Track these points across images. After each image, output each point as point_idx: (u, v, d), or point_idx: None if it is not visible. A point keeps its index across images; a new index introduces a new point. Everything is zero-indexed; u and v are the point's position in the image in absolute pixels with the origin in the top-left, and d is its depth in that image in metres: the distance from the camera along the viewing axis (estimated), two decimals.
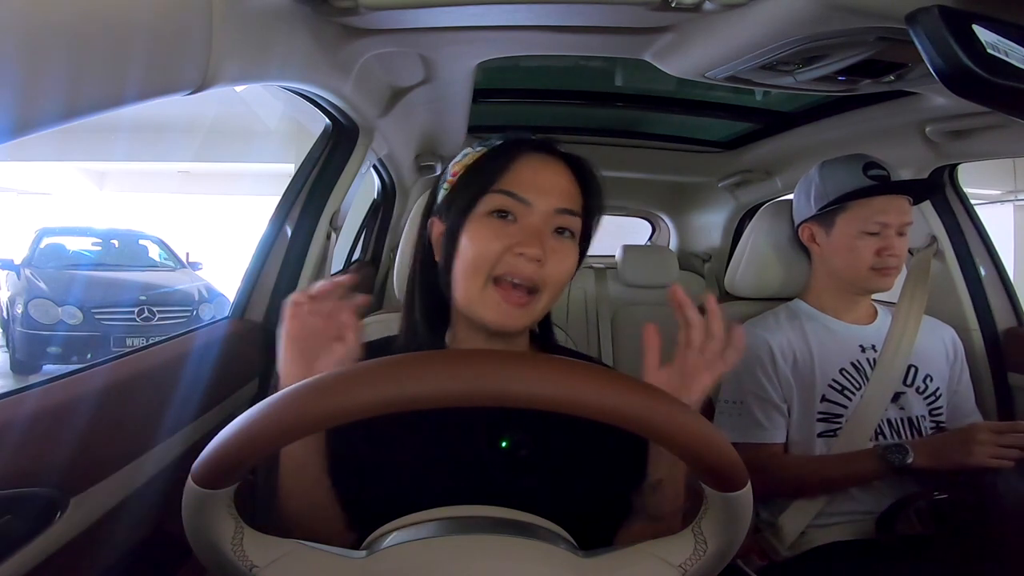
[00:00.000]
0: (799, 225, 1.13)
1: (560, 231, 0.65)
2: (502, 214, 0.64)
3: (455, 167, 0.70)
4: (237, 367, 1.02)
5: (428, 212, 0.72)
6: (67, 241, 5.93)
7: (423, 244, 0.71)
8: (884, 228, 1.02)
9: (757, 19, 0.75)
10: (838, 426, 1.03)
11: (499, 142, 0.68)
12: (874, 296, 1.12)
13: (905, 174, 1.09)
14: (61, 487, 0.60)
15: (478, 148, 0.69)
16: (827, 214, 1.07)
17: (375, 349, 0.74)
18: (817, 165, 1.10)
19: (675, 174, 2.07)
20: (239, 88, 0.78)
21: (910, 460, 0.93)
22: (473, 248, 0.63)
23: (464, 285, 0.64)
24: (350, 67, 0.96)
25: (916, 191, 1.10)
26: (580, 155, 0.70)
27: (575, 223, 0.66)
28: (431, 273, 0.70)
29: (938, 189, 1.28)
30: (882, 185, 1.03)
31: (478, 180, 0.66)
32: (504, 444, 0.65)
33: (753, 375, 1.05)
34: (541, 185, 0.64)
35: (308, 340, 0.58)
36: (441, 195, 0.70)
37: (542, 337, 0.77)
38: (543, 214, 0.64)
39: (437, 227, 0.69)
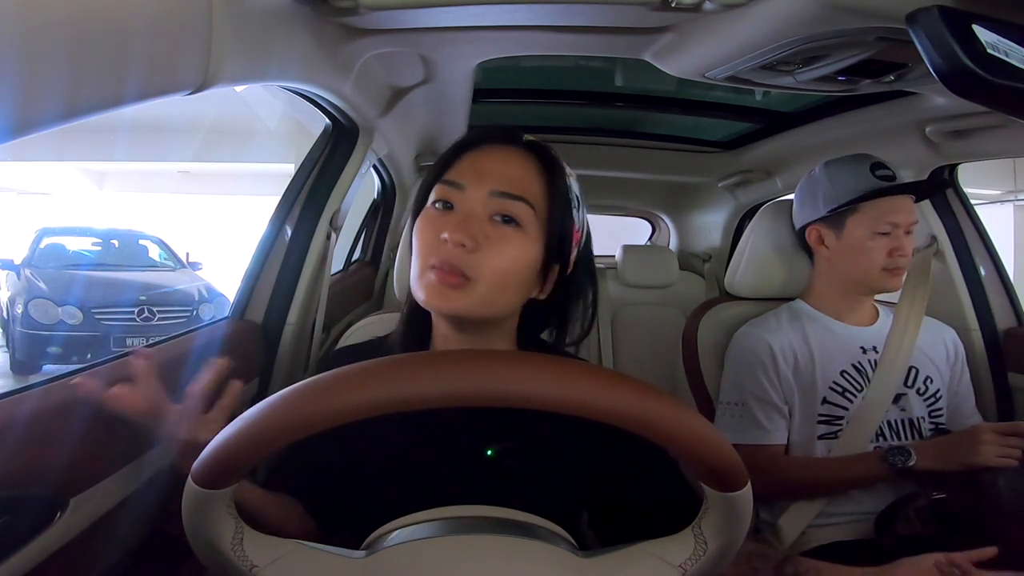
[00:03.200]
0: (805, 227, 1.12)
1: (503, 218, 0.61)
2: (443, 204, 0.63)
3: None
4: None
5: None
6: (67, 241, 5.93)
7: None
8: (894, 228, 1.02)
9: (757, 19, 0.75)
10: (839, 428, 1.03)
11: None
12: (875, 297, 1.12)
13: (905, 174, 1.09)
14: (61, 487, 0.60)
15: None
16: (836, 216, 1.06)
17: (366, 351, 0.74)
18: (821, 166, 1.09)
19: (675, 174, 2.07)
20: (239, 88, 0.78)
21: (912, 463, 0.93)
22: (417, 240, 0.63)
23: (413, 275, 0.63)
24: (350, 67, 0.96)
25: (926, 191, 1.10)
26: (546, 144, 0.66)
27: (518, 208, 0.61)
28: None
29: (944, 188, 1.28)
30: (895, 186, 1.03)
31: (431, 175, 0.66)
32: (490, 453, 0.64)
33: (754, 376, 1.05)
34: (480, 170, 0.62)
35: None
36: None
37: (528, 335, 0.73)
38: (477, 199, 0.61)
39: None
